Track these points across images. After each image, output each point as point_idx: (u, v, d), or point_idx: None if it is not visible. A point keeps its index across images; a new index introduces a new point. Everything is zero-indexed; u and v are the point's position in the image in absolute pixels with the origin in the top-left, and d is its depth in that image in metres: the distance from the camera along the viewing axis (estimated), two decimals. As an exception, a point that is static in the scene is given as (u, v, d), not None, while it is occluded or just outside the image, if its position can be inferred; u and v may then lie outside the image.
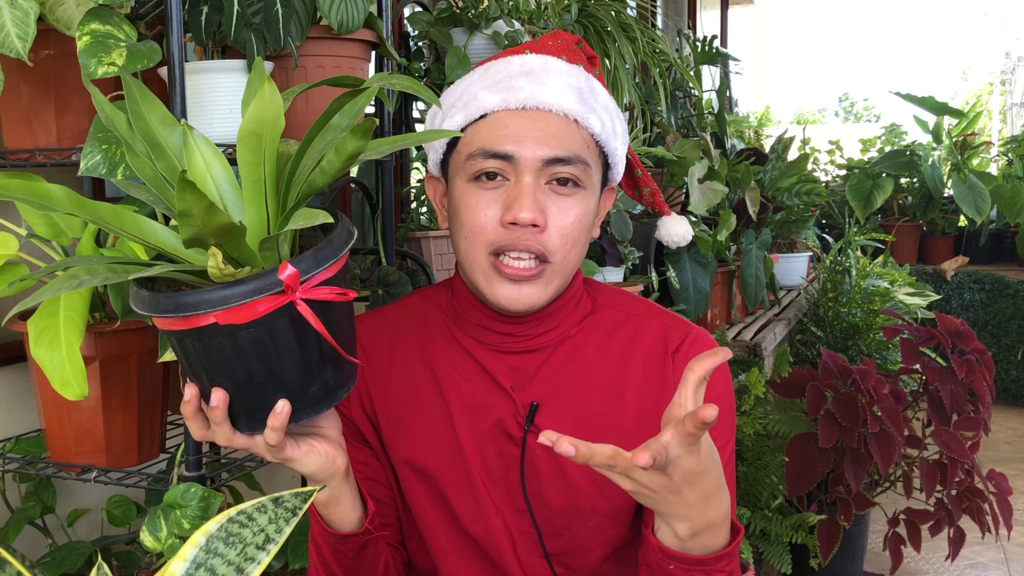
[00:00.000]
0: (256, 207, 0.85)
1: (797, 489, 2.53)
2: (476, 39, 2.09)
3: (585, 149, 1.03)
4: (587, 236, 1.07)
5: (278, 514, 0.71)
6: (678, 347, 1.10)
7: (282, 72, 1.41)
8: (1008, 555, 3.26)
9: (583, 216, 1.04)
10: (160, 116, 0.84)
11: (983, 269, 5.14)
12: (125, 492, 1.49)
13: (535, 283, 1.03)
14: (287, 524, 0.70)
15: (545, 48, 1.10)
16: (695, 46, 3.87)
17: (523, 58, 1.07)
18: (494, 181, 1.02)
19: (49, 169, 1.32)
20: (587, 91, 1.05)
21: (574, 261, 1.06)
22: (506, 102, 1.02)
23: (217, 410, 0.84)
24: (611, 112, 1.08)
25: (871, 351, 3.79)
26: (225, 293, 0.78)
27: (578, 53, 1.11)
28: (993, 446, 4.40)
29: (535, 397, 1.09)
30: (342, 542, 1.01)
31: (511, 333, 1.09)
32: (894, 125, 5.82)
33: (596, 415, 1.08)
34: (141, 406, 1.30)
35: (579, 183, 1.03)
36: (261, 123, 0.81)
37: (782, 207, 3.47)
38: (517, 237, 1.01)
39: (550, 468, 1.08)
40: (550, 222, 1.01)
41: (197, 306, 0.78)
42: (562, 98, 1.02)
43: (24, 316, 1.25)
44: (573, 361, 1.10)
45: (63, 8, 1.15)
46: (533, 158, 1.00)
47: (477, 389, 1.10)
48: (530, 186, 1.01)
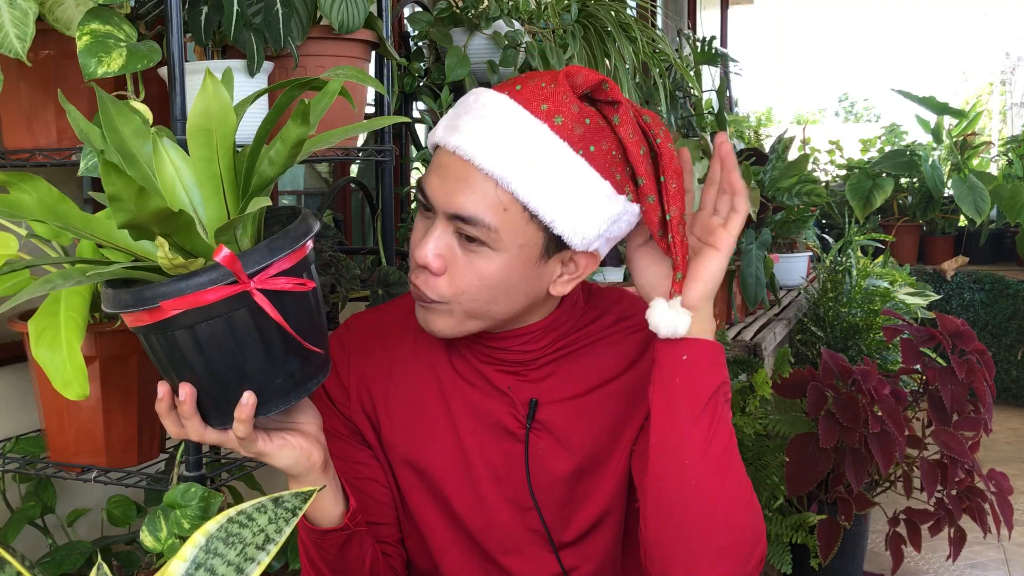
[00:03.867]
0: (215, 203, 0.86)
1: (797, 489, 2.53)
2: (476, 39, 2.09)
3: (498, 213, 0.95)
4: (511, 293, 1.00)
5: (278, 514, 0.71)
6: (631, 326, 1.11)
7: (282, 72, 1.41)
8: (1008, 555, 3.26)
9: (493, 275, 0.98)
10: (134, 128, 0.85)
11: (983, 269, 5.14)
12: (125, 492, 1.49)
13: (438, 314, 1.01)
14: (287, 524, 0.70)
15: (530, 89, 0.97)
16: (695, 46, 3.87)
17: (491, 95, 0.98)
18: (429, 212, 1.00)
19: (49, 169, 1.32)
20: (533, 153, 0.94)
21: (489, 310, 1.00)
22: (445, 140, 0.98)
23: (185, 404, 0.85)
24: (569, 180, 0.95)
25: (871, 351, 3.78)
26: (180, 285, 0.80)
27: (569, 102, 0.95)
28: (993, 446, 4.40)
29: (533, 393, 1.09)
30: (323, 538, 1.01)
31: (503, 347, 1.09)
32: (894, 125, 5.81)
33: (593, 399, 1.09)
34: (141, 406, 1.30)
35: (487, 244, 0.96)
36: (208, 117, 0.82)
37: (782, 207, 3.47)
38: (416, 275, 1.01)
39: (555, 461, 1.09)
40: (451, 271, 0.98)
41: (153, 299, 0.80)
42: (491, 155, 0.94)
43: (24, 316, 1.25)
44: (568, 360, 1.10)
45: (62, 8, 1.15)
46: (443, 208, 0.97)
47: (476, 391, 1.10)
48: (436, 231, 0.98)
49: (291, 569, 1.43)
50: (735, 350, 2.76)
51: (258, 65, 1.29)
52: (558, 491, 1.10)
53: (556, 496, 1.10)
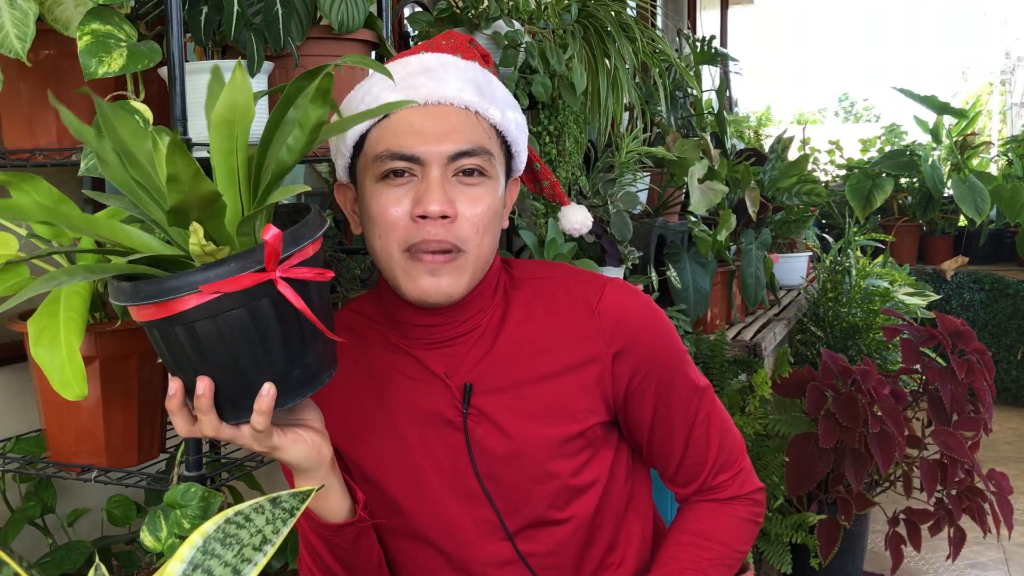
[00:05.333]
0: (231, 196, 0.86)
1: (797, 489, 2.53)
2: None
3: (487, 140, 1.06)
4: (497, 225, 1.09)
5: (275, 515, 0.71)
6: (597, 296, 1.12)
7: (282, 72, 1.41)
8: (1008, 555, 3.26)
9: (492, 204, 1.06)
10: (131, 129, 0.85)
11: (983, 269, 5.14)
12: (125, 492, 1.49)
13: (450, 272, 1.04)
14: (284, 525, 0.70)
15: (439, 47, 1.12)
16: (695, 46, 3.86)
17: (420, 57, 1.09)
18: (402, 178, 1.04)
19: (49, 169, 1.32)
20: (485, 84, 1.08)
21: (487, 250, 1.08)
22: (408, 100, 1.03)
23: (203, 398, 0.85)
24: (510, 104, 1.10)
25: (871, 351, 3.78)
26: (208, 273, 0.79)
27: (472, 51, 1.14)
28: (993, 446, 4.40)
29: (469, 379, 1.10)
30: (337, 534, 1.01)
31: (440, 323, 1.10)
32: (894, 125, 5.81)
33: (530, 381, 1.10)
34: (141, 406, 1.30)
35: (484, 172, 1.05)
36: (233, 110, 0.82)
37: (782, 207, 3.47)
38: (429, 231, 1.02)
39: (499, 446, 1.09)
40: (460, 212, 1.03)
41: (181, 288, 0.79)
42: (462, 92, 1.05)
43: (24, 316, 1.25)
44: (501, 336, 1.12)
45: (62, 8, 1.15)
46: (439, 154, 1.02)
47: (415, 382, 1.11)
48: (438, 179, 1.02)
49: (291, 569, 1.43)
50: (735, 350, 2.76)
51: (258, 65, 1.29)
52: (504, 476, 1.10)
53: (503, 482, 1.10)
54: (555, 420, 1.09)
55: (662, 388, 1.13)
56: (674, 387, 1.14)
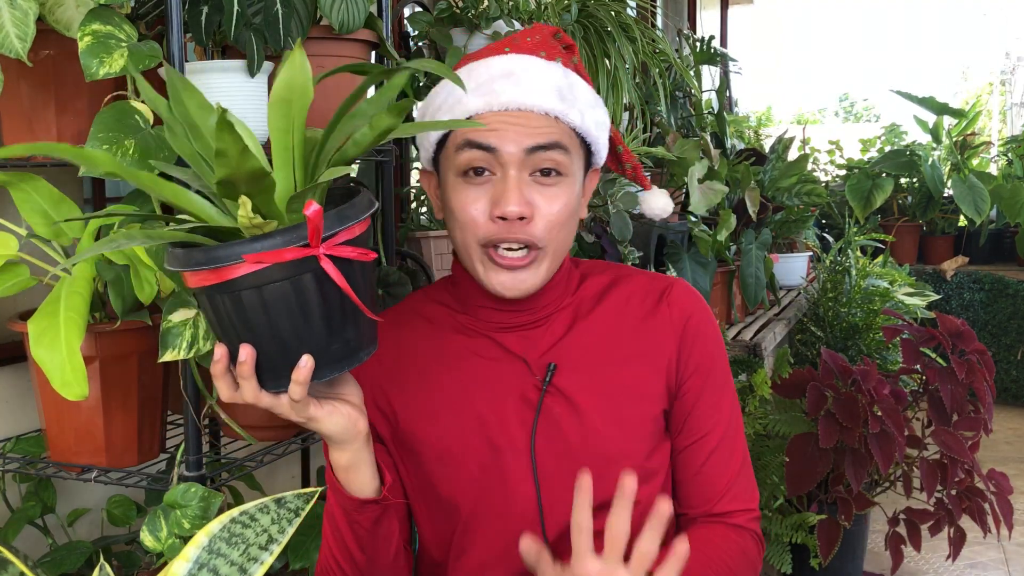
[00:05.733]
0: (284, 174, 0.88)
1: (797, 489, 2.53)
2: (476, 39, 2.09)
3: (567, 139, 1.09)
4: (574, 219, 1.13)
5: (280, 514, 0.71)
6: (667, 291, 1.18)
7: (282, 72, 1.41)
8: (1008, 555, 3.26)
9: (568, 202, 1.09)
10: (198, 102, 0.88)
11: (983, 269, 5.14)
12: (125, 492, 1.49)
13: (528, 269, 1.09)
14: (290, 524, 0.70)
15: (524, 46, 1.14)
16: (695, 46, 3.86)
17: (503, 60, 1.11)
18: (482, 176, 1.07)
19: (49, 169, 1.32)
20: (566, 87, 1.10)
21: (564, 243, 1.11)
22: (489, 105, 1.07)
23: (245, 365, 0.88)
24: (591, 103, 1.12)
25: (871, 351, 3.78)
26: (255, 244, 0.83)
27: (555, 46, 1.15)
28: (993, 446, 4.40)
29: (548, 359, 1.14)
30: (360, 510, 1.03)
31: (519, 308, 1.15)
32: (894, 125, 5.81)
33: (606, 363, 1.14)
34: (141, 406, 1.30)
35: (561, 171, 1.08)
36: (291, 90, 0.85)
37: (782, 207, 3.47)
38: (507, 231, 1.06)
39: (572, 424, 1.12)
40: (537, 213, 1.06)
41: (228, 257, 0.83)
42: (542, 98, 1.07)
43: (24, 316, 1.25)
44: (577, 321, 1.16)
45: (62, 9, 1.15)
46: (516, 150, 1.05)
47: (491, 363, 1.15)
48: (515, 179, 1.05)
49: (291, 569, 1.43)
50: (735, 350, 2.76)
51: (258, 65, 1.29)
52: (579, 455, 1.11)
53: (578, 461, 1.11)
54: (631, 402, 1.14)
55: (707, 390, 1.17)
56: (717, 393, 1.17)
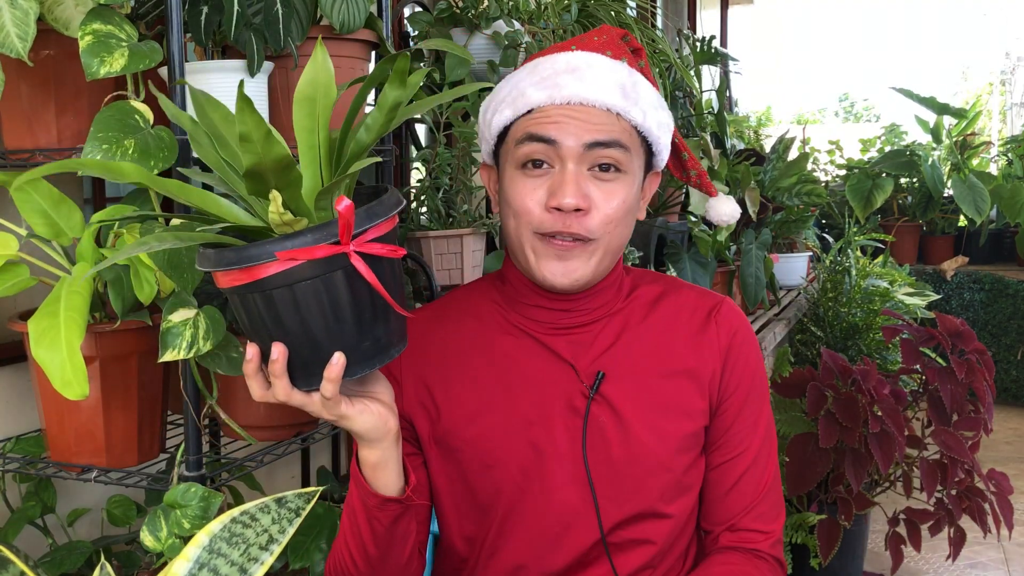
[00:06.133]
0: (311, 172, 0.89)
1: (797, 489, 2.53)
2: (476, 39, 2.09)
3: (627, 137, 1.09)
4: (631, 217, 1.13)
5: (281, 514, 0.71)
6: (716, 309, 1.19)
7: (282, 72, 1.41)
8: (1008, 555, 3.26)
9: (626, 199, 1.09)
10: (222, 114, 0.89)
11: (983, 269, 5.14)
12: (125, 492, 1.49)
13: (580, 256, 1.08)
14: (290, 524, 0.70)
15: (591, 44, 1.14)
16: (695, 46, 3.86)
17: (568, 56, 1.12)
18: (540, 169, 1.08)
19: (49, 169, 1.32)
20: (630, 86, 1.10)
21: (619, 240, 1.11)
22: (551, 98, 1.07)
23: (277, 364, 0.88)
24: (655, 104, 1.12)
25: (871, 351, 3.78)
26: (286, 243, 0.83)
27: (622, 47, 1.15)
28: (993, 446, 4.40)
29: (597, 367, 1.14)
30: (382, 507, 1.03)
31: (568, 309, 1.15)
32: (894, 125, 5.81)
33: (653, 375, 1.15)
34: (141, 406, 1.29)
35: (620, 168, 1.08)
36: (315, 87, 0.85)
37: (782, 207, 3.47)
38: (561, 222, 1.07)
39: (617, 432, 1.12)
40: (593, 207, 1.07)
41: (259, 256, 0.83)
42: (605, 94, 1.07)
43: (24, 316, 1.25)
44: (626, 331, 1.16)
45: (62, 8, 1.15)
46: (576, 144, 1.06)
47: (539, 366, 1.15)
48: (573, 173, 1.06)
49: (291, 569, 1.43)
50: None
51: (258, 65, 1.29)
52: (620, 464, 1.12)
53: (619, 469, 1.12)
54: (675, 416, 1.14)
55: (746, 410, 1.17)
56: (754, 413, 1.18)
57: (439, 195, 2.02)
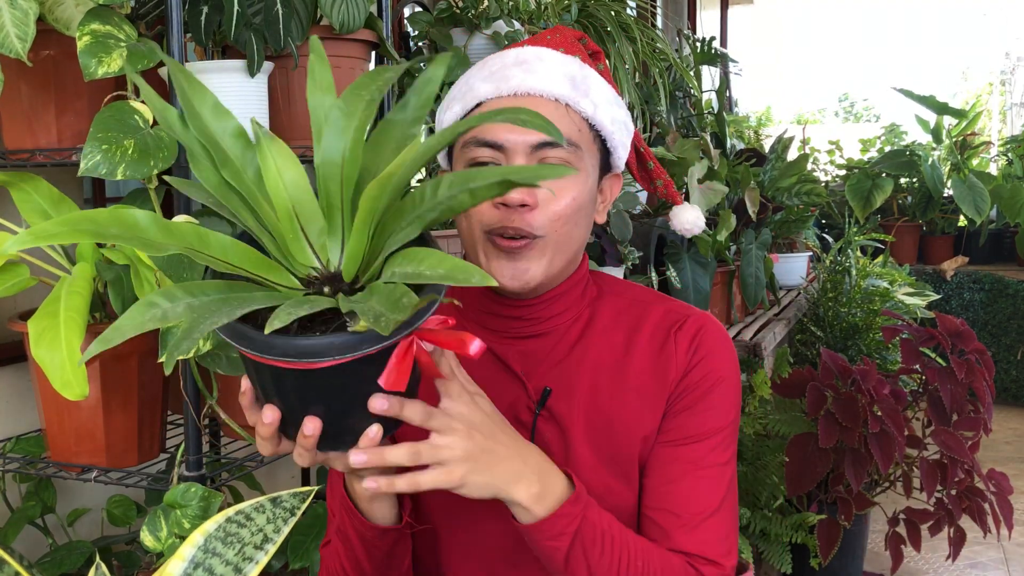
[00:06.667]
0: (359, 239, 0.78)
1: (797, 489, 2.53)
2: (476, 39, 2.09)
3: (576, 133, 1.05)
4: (585, 218, 1.09)
5: (276, 514, 0.71)
6: (681, 325, 1.11)
7: (282, 72, 1.41)
8: (1008, 555, 3.26)
9: (577, 198, 1.05)
10: (211, 105, 0.75)
11: (983, 269, 5.14)
12: (125, 492, 1.49)
13: (530, 256, 1.04)
14: (285, 524, 0.70)
15: (543, 42, 1.13)
16: (695, 46, 3.87)
17: (518, 50, 1.09)
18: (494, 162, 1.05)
19: (49, 169, 1.32)
20: (580, 78, 1.07)
21: (571, 239, 1.07)
22: (498, 90, 1.05)
23: (312, 439, 0.81)
24: (609, 99, 1.09)
25: (871, 351, 3.78)
26: (349, 340, 0.74)
27: (576, 46, 1.13)
28: (993, 446, 4.40)
29: (545, 381, 1.10)
30: (381, 537, 1.01)
31: (519, 317, 1.11)
32: (894, 125, 5.81)
33: (602, 396, 1.10)
34: (141, 406, 1.30)
35: (569, 166, 1.03)
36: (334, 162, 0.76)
37: (782, 207, 3.47)
38: (506, 218, 1.03)
39: (561, 451, 1.09)
40: (541, 202, 1.03)
41: (324, 352, 0.73)
42: (552, 84, 1.05)
43: (24, 316, 1.25)
44: (580, 344, 1.12)
45: (62, 8, 1.16)
46: (524, 143, 1.03)
47: (488, 375, 1.10)
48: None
49: (291, 568, 1.43)
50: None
51: (258, 65, 1.29)
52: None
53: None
54: (626, 439, 1.09)
55: (700, 410, 1.09)
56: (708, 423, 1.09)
57: (439, 195, 2.02)
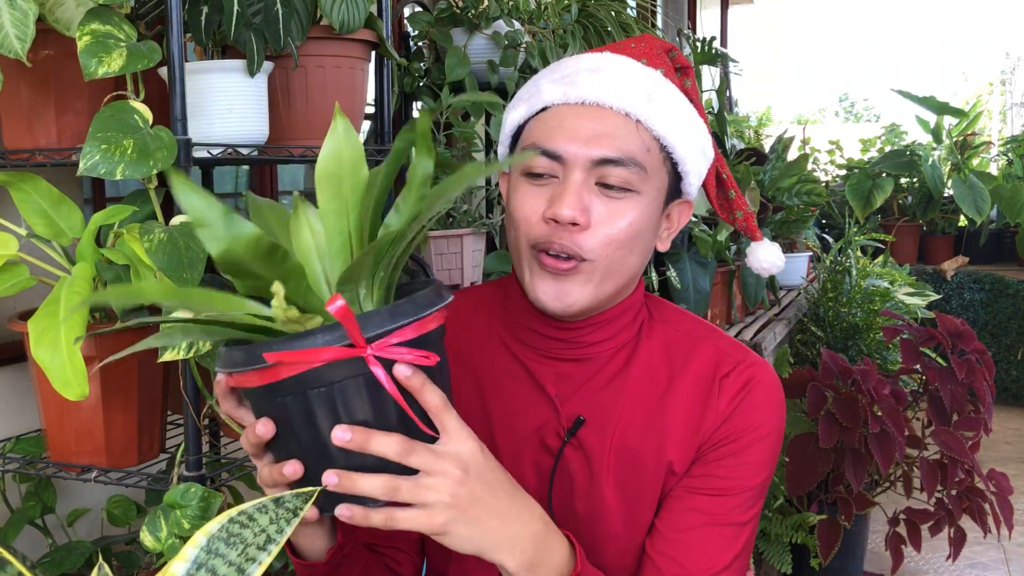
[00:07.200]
0: (341, 261, 0.77)
1: (797, 489, 2.53)
2: (476, 39, 2.09)
3: (643, 152, 0.97)
4: (642, 244, 1.00)
5: (279, 514, 0.71)
6: (729, 372, 1.04)
7: (282, 72, 1.41)
8: (1008, 555, 3.26)
9: (635, 222, 0.97)
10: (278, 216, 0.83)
11: (983, 269, 5.14)
12: (125, 492, 1.49)
13: (574, 279, 0.97)
14: (288, 524, 0.69)
15: (626, 50, 1.05)
16: (695, 46, 3.86)
17: (596, 56, 1.02)
18: (543, 179, 0.99)
19: (49, 169, 1.32)
20: (657, 93, 0.99)
21: (624, 266, 0.99)
22: (566, 96, 0.98)
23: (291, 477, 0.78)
24: (687, 121, 1.02)
25: (871, 351, 3.79)
26: (294, 343, 0.72)
27: (662, 59, 1.05)
28: (993, 446, 4.40)
29: (579, 408, 1.04)
30: (308, 569, 0.96)
31: (562, 339, 1.05)
32: (894, 125, 5.82)
33: (634, 432, 1.03)
34: (141, 406, 1.29)
35: (630, 188, 0.97)
36: (339, 164, 0.75)
37: (782, 207, 3.47)
38: (555, 233, 0.96)
39: (585, 483, 1.04)
40: (595, 222, 0.96)
41: (249, 361, 0.73)
42: (625, 96, 0.97)
43: (24, 316, 1.25)
44: (622, 375, 1.05)
45: (62, 9, 1.15)
46: (584, 157, 0.96)
47: (520, 394, 1.06)
48: (576, 184, 0.96)
49: (291, 569, 1.43)
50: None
51: (258, 65, 1.29)
52: (583, 514, 1.04)
53: (582, 520, 1.04)
54: (652, 481, 1.03)
55: (730, 462, 1.02)
56: (736, 478, 1.02)
57: (439, 195, 2.02)
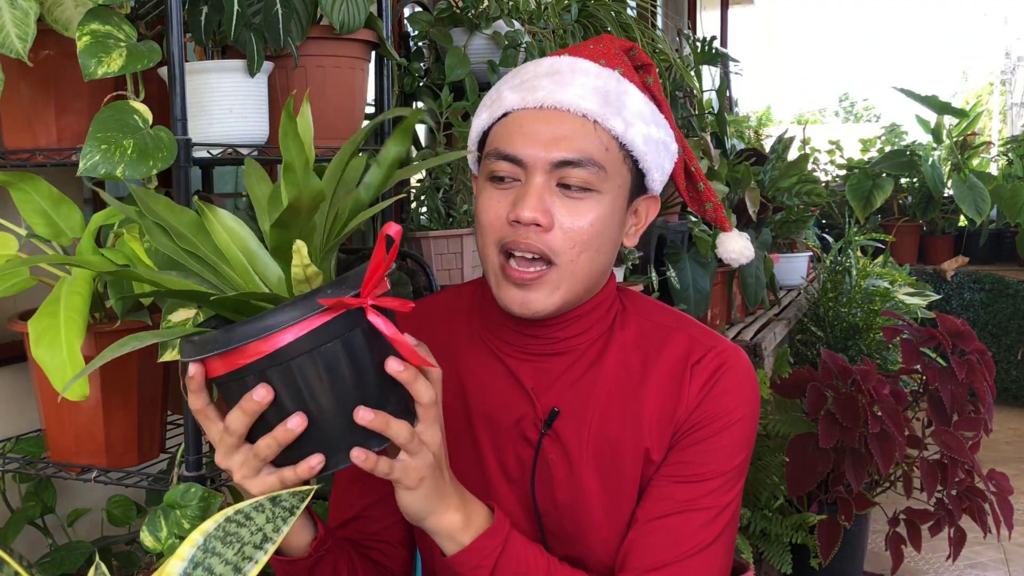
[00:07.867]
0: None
1: (797, 489, 2.53)
2: (476, 39, 2.09)
3: (602, 152, 1.00)
4: (608, 243, 1.03)
5: (275, 513, 0.71)
6: (700, 359, 1.06)
7: (282, 72, 1.41)
8: (1008, 555, 3.26)
9: (597, 221, 1.00)
10: (164, 205, 0.84)
11: (983, 269, 5.14)
12: (125, 492, 1.49)
13: (540, 288, 1.00)
14: (284, 523, 0.70)
15: (584, 52, 1.07)
16: (695, 46, 3.87)
17: (555, 59, 1.05)
18: (506, 183, 1.01)
19: (49, 169, 1.32)
20: (615, 93, 1.02)
21: (588, 267, 1.02)
22: (524, 101, 1.01)
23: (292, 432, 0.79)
24: (645, 118, 1.04)
25: (871, 351, 3.79)
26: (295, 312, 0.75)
27: (620, 58, 1.07)
28: (993, 446, 4.40)
29: (556, 401, 1.07)
30: (290, 565, 0.97)
31: (536, 335, 1.07)
32: (894, 125, 5.82)
33: (611, 422, 1.06)
34: (141, 406, 1.30)
35: (590, 187, 0.99)
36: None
37: (782, 207, 3.47)
38: (520, 234, 0.99)
39: (564, 473, 1.07)
40: (557, 223, 0.99)
41: (276, 326, 0.74)
42: (581, 99, 1.00)
43: (24, 316, 1.25)
44: (596, 366, 1.08)
45: (61, 9, 1.16)
46: (544, 160, 0.99)
47: (499, 389, 1.09)
48: (537, 186, 0.98)
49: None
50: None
51: (258, 65, 1.29)
52: (564, 504, 1.07)
53: (563, 510, 1.07)
54: (630, 470, 1.06)
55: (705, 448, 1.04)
56: (706, 465, 1.04)
57: (439, 195, 2.02)
